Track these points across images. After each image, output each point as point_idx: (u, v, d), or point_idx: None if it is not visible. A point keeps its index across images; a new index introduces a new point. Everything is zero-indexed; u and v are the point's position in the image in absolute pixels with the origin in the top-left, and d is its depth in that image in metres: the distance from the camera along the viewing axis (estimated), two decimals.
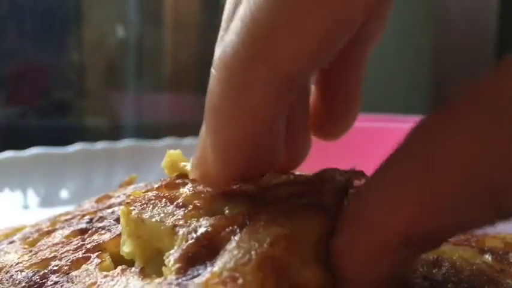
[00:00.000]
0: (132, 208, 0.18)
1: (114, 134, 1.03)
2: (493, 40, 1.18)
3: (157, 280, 0.16)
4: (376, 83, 1.21)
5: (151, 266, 0.18)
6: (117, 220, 0.22)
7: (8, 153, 0.59)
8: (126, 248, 0.18)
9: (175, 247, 0.17)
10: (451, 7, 1.22)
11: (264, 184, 0.19)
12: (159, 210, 0.18)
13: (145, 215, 0.18)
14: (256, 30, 0.15)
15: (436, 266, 0.22)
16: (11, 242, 0.24)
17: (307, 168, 0.27)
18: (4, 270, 0.21)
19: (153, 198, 0.19)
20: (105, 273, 0.19)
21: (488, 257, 0.23)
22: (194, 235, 0.17)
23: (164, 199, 0.19)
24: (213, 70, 0.17)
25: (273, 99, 0.16)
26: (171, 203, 0.19)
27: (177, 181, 0.21)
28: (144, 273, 0.17)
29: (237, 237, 0.16)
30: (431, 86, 1.31)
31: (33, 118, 1.07)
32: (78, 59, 1.10)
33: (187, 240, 0.17)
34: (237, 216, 0.17)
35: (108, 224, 0.22)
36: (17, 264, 0.21)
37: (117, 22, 1.13)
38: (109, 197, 0.26)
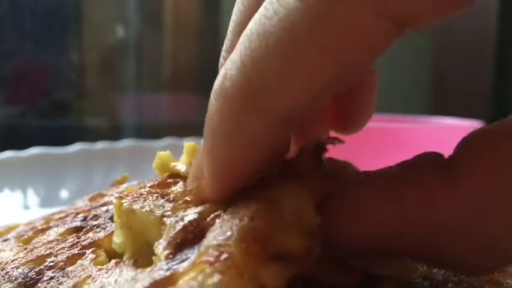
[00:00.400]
0: (124, 201, 0.19)
1: (114, 134, 1.03)
2: (493, 40, 1.18)
3: (149, 268, 0.17)
4: None
5: (142, 258, 0.18)
6: (112, 218, 0.22)
7: (8, 153, 0.59)
8: (117, 239, 0.19)
9: (164, 235, 0.17)
10: None
11: None
12: (149, 202, 0.19)
13: (136, 206, 0.19)
14: (253, 73, 0.15)
15: (436, 266, 0.22)
16: (5, 240, 0.24)
17: None
18: (0, 267, 0.21)
19: (145, 193, 0.20)
20: (99, 266, 0.19)
21: None
22: (181, 223, 0.17)
23: (156, 194, 0.19)
24: (212, 97, 0.17)
25: (267, 137, 0.16)
26: (162, 198, 0.19)
27: (169, 180, 0.21)
28: (137, 264, 0.18)
29: (219, 220, 0.16)
30: (431, 86, 1.31)
31: (33, 118, 1.07)
32: (78, 59, 1.10)
33: (174, 228, 0.17)
34: (220, 202, 0.18)
35: (102, 223, 0.22)
36: (12, 261, 0.21)
37: (117, 22, 1.13)
38: (102, 196, 0.26)
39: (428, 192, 0.16)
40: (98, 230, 0.22)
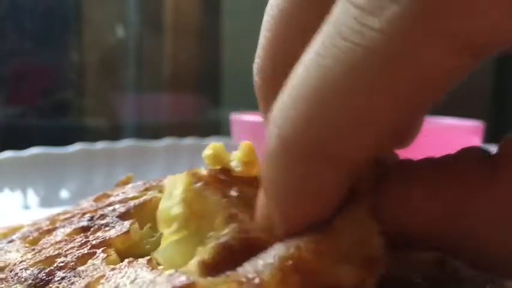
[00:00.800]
0: (194, 181, 0.18)
1: (114, 134, 1.03)
2: None
3: (168, 272, 0.16)
4: None
5: (184, 242, 0.18)
6: (119, 217, 0.22)
7: (8, 153, 0.59)
8: (175, 210, 0.18)
9: (224, 233, 0.17)
10: None
11: None
12: (219, 196, 0.18)
13: (207, 192, 0.18)
14: (314, 128, 0.14)
15: (436, 266, 0.22)
16: (10, 241, 0.24)
17: None
18: (8, 268, 0.21)
19: (211, 183, 0.19)
20: (112, 266, 0.19)
21: None
22: (245, 234, 0.17)
23: (220, 192, 0.19)
24: (269, 160, 0.16)
25: (336, 188, 0.15)
26: (226, 197, 0.19)
27: (222, 177, 0.21)
28: (151, 265, 0.17)
29: (269, 247, 0.16)
30: None
31: (33, 118, 1.07)
32: (78, 59, 1.10)
33: (236, 234, 0.17)
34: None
35: (111, 221, 0.22)
36: (20, 262, 0.21)
37: (117, 22, 1.13)
38: (108, 196, 0.26)
39: (469, 186, 0.16)
40: (107, 228, 0.22)
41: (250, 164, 0.22)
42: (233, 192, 0.20)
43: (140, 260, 0.18)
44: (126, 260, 0.18)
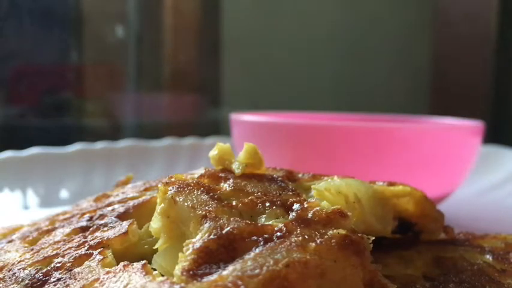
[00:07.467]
0: (169, 188, 0.19)
1: (114, 134, 1.03)
2: (493, 40, 1.18)
3: (160, 278, 0.16)
4: (376, 83, 1.21)
5: (174, 248, 0.18)
6: (119, 217, 0.22)
7: (8, 153, 0.59)
8: (154, 224, 0.19)
9: (198, 237, 0.17)
10: (451, 8, 1.22)
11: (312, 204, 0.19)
12: (193, 197, 0.19)
13: (179, 198, 0.18)
14: None
15: (437, 266, 0.22)
16: (10, 241, 0.24)
17: (312, 169, 0.27)
18: (6, 268, 0.21)
19: (192, 184, 0.19)
20: (107, 269, 0.19)
21: (489, 257, 0.23)
22: (219, 232, 0.17)
23: (202, 188, 0.19)
24: None
25: None
26: (207, 194, 0.19)
27: (221, 174, 0.21)
28: (146, 269, 0.17)
29: (257, 250, 0.16)
30: (431, 86, 1.31)
31: (33, 118, 1.07)
32: (78, 59, 1.10)
33: (210, 234, 0.17)
34: (268, 228, 0.17)
35: (109, 221, 0.22)
36: (19, 262, 0.21)
37: (117, 22, 1.13)
38: (107, 196, 0.26)
39: None
40: (106, 229, 0.22)
41: (254, 166, 0.22)
42: (227, 186, 0.20)
43: (135, 264, 0.18)
44: (122, 264, 0.18)
